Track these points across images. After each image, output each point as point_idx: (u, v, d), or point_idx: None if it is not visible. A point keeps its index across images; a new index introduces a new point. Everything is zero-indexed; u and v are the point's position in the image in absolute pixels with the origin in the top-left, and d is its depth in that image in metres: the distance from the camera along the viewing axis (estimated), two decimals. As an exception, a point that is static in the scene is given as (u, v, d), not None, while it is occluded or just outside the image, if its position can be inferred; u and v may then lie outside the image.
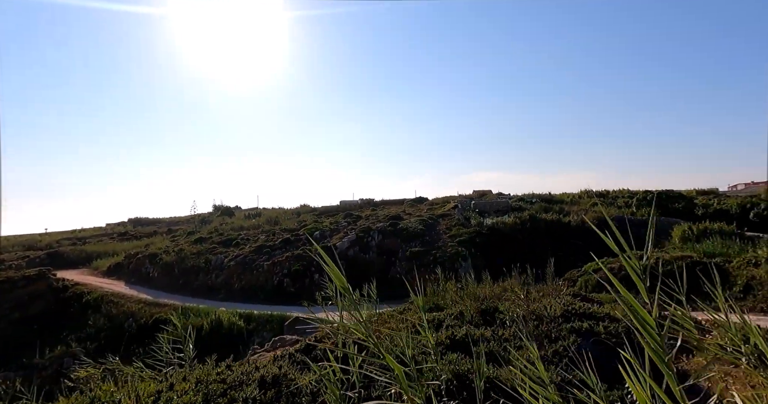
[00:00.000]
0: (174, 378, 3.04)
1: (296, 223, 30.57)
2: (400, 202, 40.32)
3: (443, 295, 6.30)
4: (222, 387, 2.80)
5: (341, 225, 28.35)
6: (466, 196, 44.00)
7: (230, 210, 43.42)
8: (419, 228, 26.29)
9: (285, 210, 40.22)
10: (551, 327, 3.27)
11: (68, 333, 16.11)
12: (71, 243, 36.17)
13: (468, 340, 3.01)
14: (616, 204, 34.05)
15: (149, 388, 2.80)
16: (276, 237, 25.61)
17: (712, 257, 13.45)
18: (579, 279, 12.86)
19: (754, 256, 10.82)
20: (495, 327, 3.56)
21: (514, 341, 3.02)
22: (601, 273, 12.27)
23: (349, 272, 7.17)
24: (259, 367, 3.32)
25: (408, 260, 23.30)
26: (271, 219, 32.66)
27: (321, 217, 34.80)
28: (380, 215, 30.65)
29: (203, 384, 2.84)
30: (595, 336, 3.13)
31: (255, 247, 24.00)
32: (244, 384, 2.82)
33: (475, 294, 5.38)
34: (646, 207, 25.51)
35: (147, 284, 22.45)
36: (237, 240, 26.12)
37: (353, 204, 40.57)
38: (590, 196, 42.29)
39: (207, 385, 2.81)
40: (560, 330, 3.24)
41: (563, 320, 3.45)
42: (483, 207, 33.46)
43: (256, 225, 30.68)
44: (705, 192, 44.08)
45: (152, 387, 2.86)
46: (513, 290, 4.93)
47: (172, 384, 2.88)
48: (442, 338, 3.24)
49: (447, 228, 26.50)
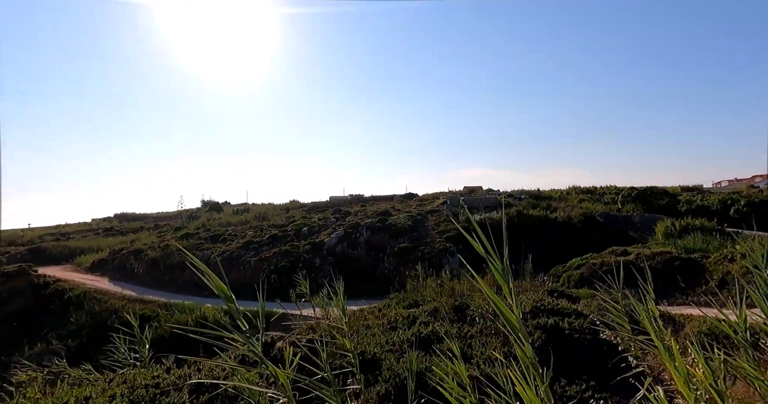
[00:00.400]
0: (115, 382, 2.97)
1: (285, 219, 30.40)
2: (390, 197, 40.33)
3: (422, 291, 6.30)
4: (154, 392, 2.75)
5: (330, 221, 28.26)
6: (456, 192, 44.17)
7: (218, 206, 43.00)
8: (408, 224, 26.32)
9: (274, 205, 39.96)
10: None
11: (49, 331, 15.84)
12: (54, 238, 35.51)
13: (432, 338, 3.00)
14: (603, 201, 34.50)
15: (81, 393, 2.72)
16: (264, 233, 25.45)
17: (691, 252, 13.70)
18: (563, 274, 13.00)
19: (730, 252, 11.04)
20: (461, 325, 3.57)
21: (479, 337, 3.03)
22: (582, 269, 12.43)
23: (337, 268, 7.30)
24: (202, 369, 3.27)
25: (396, 256, 23.33)
26: (259, 215, 32.43)
27: (310, 213, 34.66)
28: (369, 211, 30.61)
29: (131, 389, 2.77)
30: (560, 332, 3.14)
31: (242, 243, 23.83)
32: (178, 390, 2.77)
33: (451, 291, 5.39)
34: (630, 204, 25.86)
35: (131, 280, 22.17)
36: (224, 236, 25.90)
37: (342, 200, 40.46)
38: (578, 192, 42.79)
39: (134, 390, 2.75)
40: (526, 327, 3.26)
41: (531, 316, 3.47)
42: (472, 203, 33.61)
43: (244, 221, 30.45)
44: (689, 188, 44.86)
45: (87, 391, 2.79)
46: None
47: (104, 388, 2.82)
48: (408, 335, 3.23)
49: (435, 224, 26.57)
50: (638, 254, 11.69)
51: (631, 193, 26.07)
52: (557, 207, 28.90)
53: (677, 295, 9.80)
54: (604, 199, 35.40)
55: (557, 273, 14.65)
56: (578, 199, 37.29)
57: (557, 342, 2.91)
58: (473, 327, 3.33)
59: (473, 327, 3.37)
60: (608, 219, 25.08)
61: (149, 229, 36.38)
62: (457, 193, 42.39)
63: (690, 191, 40.14)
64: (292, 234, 25.26)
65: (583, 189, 44.25)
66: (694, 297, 9.53)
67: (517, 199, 35.85)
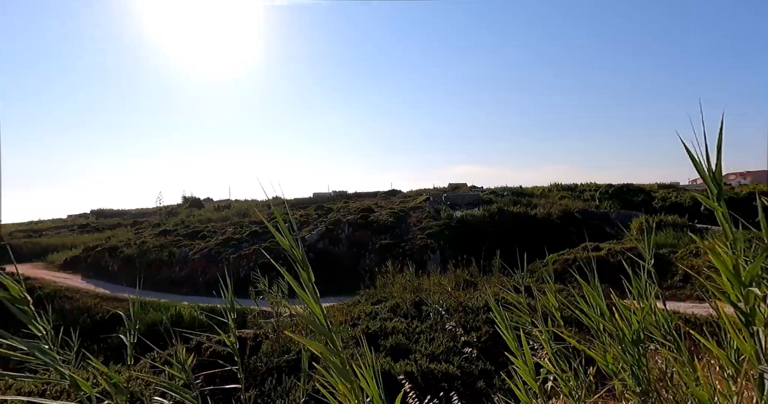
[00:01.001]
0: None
1: (265, 215, 30.07)
2: (374, 194, 40.28)
3: (391, 288, 6.28)
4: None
5: (311, 218, 28.07)
6: (440, 189, 44.39)
7: (199, 202, 42.29)
8: (390, 220, 26.33)
9: (256, 202, 39.48)
10: (470, 318, 3.29)
11: (14, 332, 15.31)
12: (26, 235, 34.37)
13: (380, 334, 2.98)
14: (583, 198, 35.18)
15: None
16: (244, 230, 25.13)
17: (662, 248, 14.07)
18: (538, 270, 13.18)
19: (696, 247, 11.36)
20: (410, 320, 3.56)
21: (428, 333, 3.03)
22: (556, 265, 12.63)
23: (318, 265, 7.25)
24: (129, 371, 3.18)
25: (378, 252, 23.32)
26: (240, 211, 32.00)
27: (293, 210, 34.39)
28: (351, 208, 30.51)
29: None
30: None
31: (222, 240, 23.48)
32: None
33: (416, 287, 5.38)
34: (607, 200, 26.38)
35: (106, 278, 21.61)
36: (204, 233, 25.48)
37: (326, 196, 40.24)
38: (559, 189, 43.54)
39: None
40: (478, 321, 3.27)
41: (485, 311, 3.49)
42: (455, 199, 33.82)
43: (225, 218, 30.00)
44: (666, 186, 46.04)
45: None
46: (440, 283, 4.95)
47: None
48: (357, 332, 3.20)
49: (417, 221, 26.64)
50: (609, 249, 11.94)
51: (608, 190, 26.60)
52: (537, 204, 29.27)
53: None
54: (584, 195, 36.12)
55: (534, 269, 14.82)
56: (559, 195, 37.93)
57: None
58: (424, 323, 3.32)
59: (424, 323, 3.36)
60: (586, 216, 25.53)
61: (127, 226, 35.53)
62: (441, 190, 42.63)
63: (666, 188, 41.23)
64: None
65: (564, 186, 45.05)
66: (660, 291, 9.78)
67: (500, 195, 36.22)
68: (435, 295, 4.18)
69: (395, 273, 6.80)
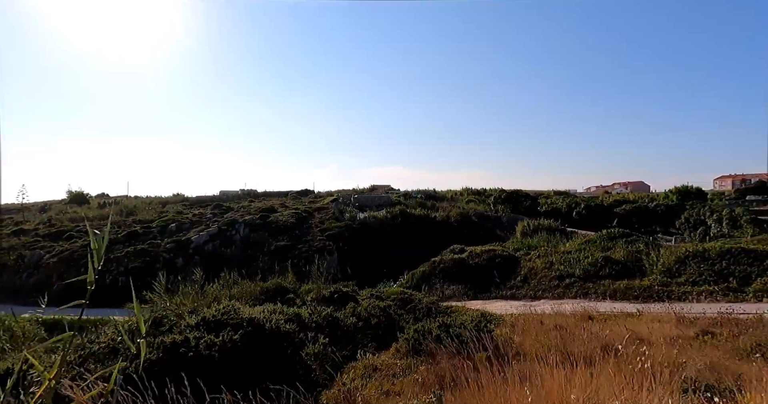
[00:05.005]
0: None
1: (155, 214, 27.32)
2: (285, 194, 38.78)
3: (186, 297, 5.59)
4: None
5: (206, 218, 26.05)
6: (358, 190, 44.17)
7: (83, 198, 37.36)
8: (290, 221, 25.35)
9: (151, 199, 35.86)
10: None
11: None
12: None
13: None
14: (487, 202, 37.28)
15: None
16: (121, 230, 22.48)
17: (531, 249, 15.00)
18: (409, 273, 13.24)
19: (553, 247, 12.14)
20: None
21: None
22: (425, 267, 12.78)
23: (205, 268, 5.84)
24: None
25: (272, 255, 22.26)
26: (125, 209, 28.72)
27: (192, 208, 31.75)
28: (253, 207, 28.95)
29: None
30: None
31: (89, 241, 20.67)
32: None
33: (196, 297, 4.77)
34: (500, 205, 28.05)
35: (-73, 287, 17.84)
36: (71, 233, 22.32)
37: (232, 194, 37.90)
38: (470, 193, 45.83)
39: None
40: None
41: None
42: (365, 201, 33.73)
43: (104, 216, 26.66)
44: (561, 192, 50.76)
45: None
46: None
47: None
48: None
49: (320, 221, 25.99)
50: (471, 252, 12.37)
51: (501, 195, 28.32)
52: (440, 207, 30.25)
53: (492, 289, 10.48)
54: (489, 200, 38.31)
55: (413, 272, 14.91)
56: (467, 199, 39.84)
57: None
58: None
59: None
60: (482, 219, 26.87)
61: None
62: (358, 191, 42.40)
63: (561, 194, 45.37)
64: (156, 232, 22.68)
65: (474, 190, 47.53)
66: (504, 290, 10.27)
67: (413, 198, 36.96)
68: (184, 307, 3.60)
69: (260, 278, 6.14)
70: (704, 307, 8.14)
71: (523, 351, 5.44)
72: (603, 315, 7.90)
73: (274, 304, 5.59)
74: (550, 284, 10.81)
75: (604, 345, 5.37)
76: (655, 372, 3.31)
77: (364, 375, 4.08)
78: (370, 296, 8.18)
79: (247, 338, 3.54)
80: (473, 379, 3.77)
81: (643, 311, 8.11)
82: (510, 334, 6.00)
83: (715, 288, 9.75)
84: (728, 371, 4.39)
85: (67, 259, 18.99)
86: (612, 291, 10.38)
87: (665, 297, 9.60)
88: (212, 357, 3.18)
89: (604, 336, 5.81)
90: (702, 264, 10.67)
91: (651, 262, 11.36)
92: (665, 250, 11.88)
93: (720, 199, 34.34)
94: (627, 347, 5.82)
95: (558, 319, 7.36)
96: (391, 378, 4.38)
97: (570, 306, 8.96)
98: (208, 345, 3.25)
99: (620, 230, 14.69)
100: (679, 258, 11.04)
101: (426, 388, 4.09)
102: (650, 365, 4.18)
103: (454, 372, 4.31)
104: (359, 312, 6.06)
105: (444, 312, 7.85)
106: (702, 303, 8.83)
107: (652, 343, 5.64)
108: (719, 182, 72.10)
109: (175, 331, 3.57)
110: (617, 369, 3.71)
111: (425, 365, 4.72)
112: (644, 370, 3.29)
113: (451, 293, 11.45)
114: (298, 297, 6.90)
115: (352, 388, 3.39)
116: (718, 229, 23.12)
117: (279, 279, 8.65)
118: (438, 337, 5.14)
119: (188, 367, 2.97)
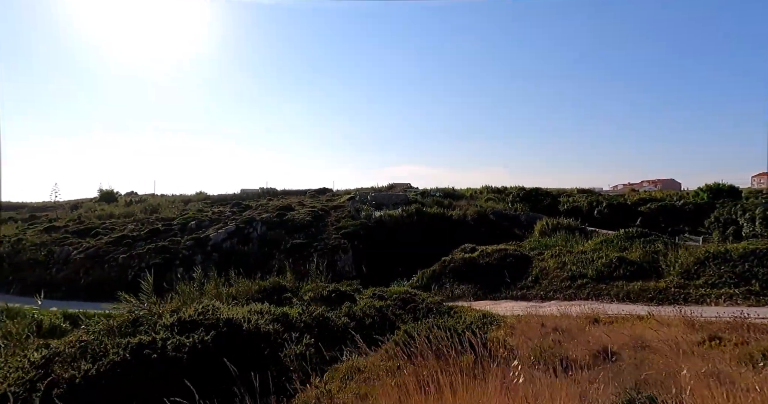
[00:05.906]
0: None
1: (177, 212, 28.20)
2: (303, 192, 39.25)
3: (191, 295, 5.74)
4: None
5: (225, 216, 26.69)
6: (376, 189, 44.21)
7: (111, 196, 38.94)
8: (306, 219, 25.65)
9: (174, 197, 37.04)
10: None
11: None
12: None
13: None
14: (507, 200, 36.59)
15: None
16: (144, 227, 23.31)
17: (547, 249, 14.64)
18: (421, 272, 13.17)
19: (568, 249, 11.81)
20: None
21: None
22: (436, 266, 12.67)
23: (223, 265, 6.18)
24: None
25: (289, 252, 22.59)
26: (150, 207, 29.76)
27: (213, 206, 32.58)
28: (271, 206, 29.45)
29: None
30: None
31: (115, 238, 21.58)
32: None
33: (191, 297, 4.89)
34: (519, 203, 27.52)
35: (-34, 281, 19.03)
36: (98, 230, 23.31)
37: (252, 193, 38.65)
38: (489, 191, 45.14)
39: None
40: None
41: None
42: (381, 199, 33.72)
43: (130, 214, 27.73)
44: (585, 190, 49.29)
45: None
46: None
47: None
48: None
49: (336, 220, 26.18)
50: (482, 251, 12.18)
51: (520, 193, 27.76)
52: (457, 205, 29.90)
53: (502, 289, 10.27)
54: (508, 198, 37.58)
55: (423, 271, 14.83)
56: (486, 197, 39.23)
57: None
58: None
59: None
60: (499, 218, 26.42)
61: (20, 221, 31.85)
62: (376, 190, 42.45)
63: (584, 193, 44.09)
64: (177, 229, 23.40)
65: (494, 188, 46.75)
66: (515, 291, 10.05)
67: (431, 196, 36.68)
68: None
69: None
70: (721, 311, 7.76)
71: (515, 355, 5.32)
72: (610, 318, 7.64)
73: (269, 304, 5.67)
74: (562, 285, 10.52)
75: (599, 350, 5.20)
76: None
77: (345, 378, 4.07)
78: (372, 295, 8.18)
79: (220, 339, 3.61)
80: (448, 384, 3.71)
81: (654, 314, 7.80)
82: (504, 337, 5.88)
83: (735, 291, 9.25)
84: (728, 379, 4.15)
85: (93, 255, 19.85)
86: (625, 292, 10.01)
87: (681, 300, 9.19)
88: (179, 359, 3.25)
89: (602, 341, 5.62)
90: (722, 266, 10.14)
91: (668, 263, 10.89)
92: (684, 251, 11.35)
93: (756, 198, 32.55)
94: (623, 352, 5.60)
95: (561, 321, 7.17)
96: (373, 381, 4.35)
97: (579, 307, 8.71)
98: (177, 347, 3.32)
99: (639, 230, 14.14)
100: (698, 260, 10.53)
101: (405, 392, 4.06)
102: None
103: (436, 375, 4.26)
104: (354, 312, 6.08)
105: (445, 313, 7.77)
106: (720, 306, 8.42)
107: (654, 348, 5.41)
108: (758, 180, 68.30)
109: (150, 331, 3.67)
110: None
111: (411, 367, 4.67)
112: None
113: (461, 293, 11.33)
114: (295, 297, 6.99)
115: (326, 391, 3.39)
116: (750, 229, 21.93)
117: (278, 277, 8.78)
118: (428, 339, 5.08)
119: (152, 369, 3.05)
